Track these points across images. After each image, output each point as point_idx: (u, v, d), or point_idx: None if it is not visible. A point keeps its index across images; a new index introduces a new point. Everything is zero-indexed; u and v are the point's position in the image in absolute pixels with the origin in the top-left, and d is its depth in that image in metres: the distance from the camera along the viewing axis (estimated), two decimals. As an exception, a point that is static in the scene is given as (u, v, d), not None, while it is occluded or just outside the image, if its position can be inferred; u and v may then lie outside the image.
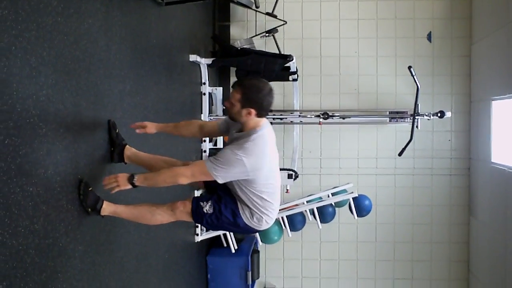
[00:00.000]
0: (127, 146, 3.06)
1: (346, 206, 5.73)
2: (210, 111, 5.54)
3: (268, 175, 2.75)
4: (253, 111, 2.66)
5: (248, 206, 2.81)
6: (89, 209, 2.62)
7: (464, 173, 6.23)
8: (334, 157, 6.34)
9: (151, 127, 3.04)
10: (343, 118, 5.78)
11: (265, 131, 2.73)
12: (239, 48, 5.49)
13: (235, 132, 2.87)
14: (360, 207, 5.64)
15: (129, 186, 2.66)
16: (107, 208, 2.73)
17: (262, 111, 2.70)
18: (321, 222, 5.61)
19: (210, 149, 5.44)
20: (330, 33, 6.32)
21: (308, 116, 5.78)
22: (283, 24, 5.99)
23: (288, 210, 5.51)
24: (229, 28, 6.39)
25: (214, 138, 5.58)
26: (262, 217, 2.84)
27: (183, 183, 2.70)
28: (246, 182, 2.73)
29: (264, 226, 2.91)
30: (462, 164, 6.23)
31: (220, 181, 2.68)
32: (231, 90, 2.75)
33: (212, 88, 5.55)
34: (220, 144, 5.58)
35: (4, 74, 1.87)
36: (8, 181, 1.89)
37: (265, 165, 2.70)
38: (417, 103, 5.53)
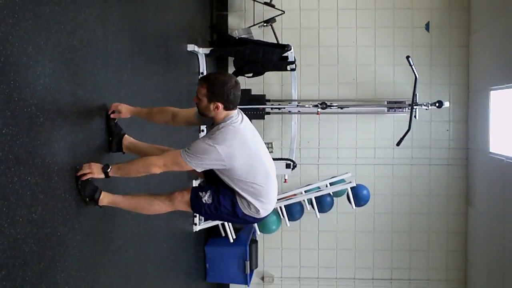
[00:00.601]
0: (126, 135, 3.06)
1: (344, 196, 5.74)
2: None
3: (249, 161, 2.74)
4: (220, 105, 2.68)
5: (243, 196, 2.81)
6: (87, 199, 2.62)
7: (462, 163, 6.24)
8: (332, 147, 6.35)
9: (126, 112, 3.01)
10: (341, 108, 5.78)
11: (234, 119, 2.73)
12: (237, 38, 5.47)
13: (207, 127, 2.92)
14: (358, 196, 5.64)
15: (102, 176, 2.65)
16: (105, 198, 2.73)
17: (229, 104, 2.70)
18: (319, 211, 5.62)
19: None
20: (328, 23, 6.30)
21: (306, 106, 5.78)
22: (281, 14, 5.97)
23: (286, 200, 5.52)
24: (227, 17, 6.36)
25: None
26: (259, 206, 2.84)
27: (155, 172, 2.71)
28: (229, 172, 2.73)
29: (262, 214, 2.90)
30: (460, 154, 6.24)
31: (197, 169, 2.70)
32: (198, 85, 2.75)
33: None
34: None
35: (1, 63, 1.86)
36: (6, 170, 1.89)
37: (240, 150, 2.69)
38: (415, 93, 5.53)
